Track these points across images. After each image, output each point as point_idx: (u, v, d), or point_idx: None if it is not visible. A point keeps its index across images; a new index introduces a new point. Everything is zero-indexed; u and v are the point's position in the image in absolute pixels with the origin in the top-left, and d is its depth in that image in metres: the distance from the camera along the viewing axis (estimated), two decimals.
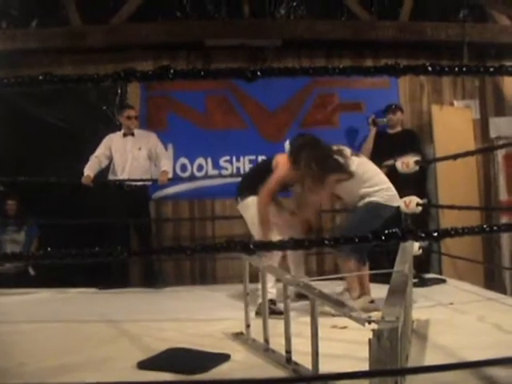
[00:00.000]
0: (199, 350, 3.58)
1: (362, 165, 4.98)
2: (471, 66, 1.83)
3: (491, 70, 1.79)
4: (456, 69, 1.72)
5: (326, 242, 1.88)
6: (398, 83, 7.59)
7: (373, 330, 2.12)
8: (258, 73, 1.63)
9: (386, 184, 5.02)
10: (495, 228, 2.00)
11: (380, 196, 4.89)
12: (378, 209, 4.88)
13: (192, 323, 4.50)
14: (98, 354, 3.60)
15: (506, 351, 2.93)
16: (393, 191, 5.02)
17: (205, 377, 3.10)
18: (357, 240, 1.83)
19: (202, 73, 1.68)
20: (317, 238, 2.01)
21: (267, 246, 2.32)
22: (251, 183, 5.05)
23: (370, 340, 2.10)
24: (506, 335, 3.74)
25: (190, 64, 7.46)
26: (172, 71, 1.64)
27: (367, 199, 4.90)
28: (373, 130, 7.11)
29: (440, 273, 6.85)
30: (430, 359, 3.19)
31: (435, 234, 1.90)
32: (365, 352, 2.14)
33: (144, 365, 3.29)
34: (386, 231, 1.83)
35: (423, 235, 1.91)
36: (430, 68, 1.67)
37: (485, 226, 1.97)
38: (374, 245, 4.63)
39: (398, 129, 7.08)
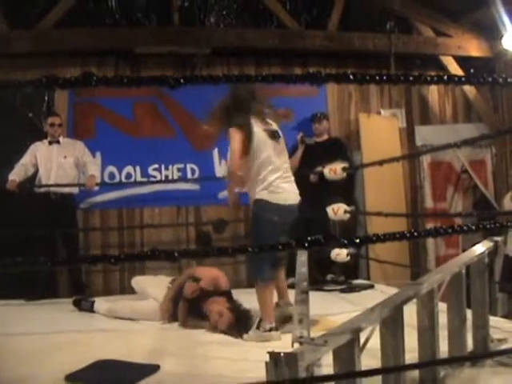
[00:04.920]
0: (128, 362, 3.54)
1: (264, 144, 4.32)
2: (391, 75, 1.88)
3: (411, 79, 1.84)
4: (377, 77, 1.77)
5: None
6: (327, 92, 7.71)
7: (269, 353, 1.90)
8: (181, 80, 1.63)
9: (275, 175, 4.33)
10: (416, 234, 2.04)
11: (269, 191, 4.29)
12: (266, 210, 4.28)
13: (122, 334, 4.44)
14: (24, 368, 3.50)
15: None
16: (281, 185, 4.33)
17: None
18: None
19: (126, 80, 1.67)
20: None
21: (190, 254, 2.32)
22: None
23: (266, 363, 1.89)
24: None
25: (118, 72, 7.37)
26: (95, 78, 1.62)
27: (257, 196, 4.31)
28: (301, 148, 7.13)
29: (368, 278, 6.97)
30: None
31: (357, 241, 1.94)
32: None
33: (72, 378, 3.23)
34: (309, 238, 1.86)
35: (346, 242, 1.93)
36: (351, 76, 1.71)
37: (406, 232, 2.02)
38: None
39: (325, 137, 7.16)
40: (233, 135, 4.25)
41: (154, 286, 5.12)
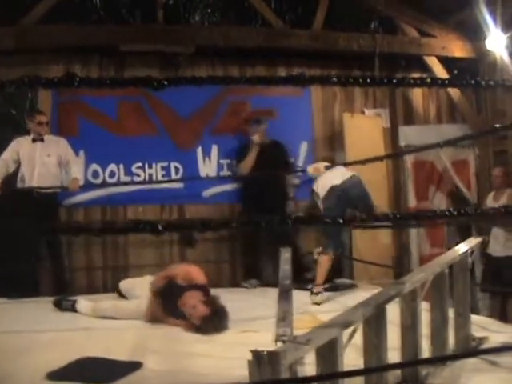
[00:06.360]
0: (110, 359, 3.53)
1: None
2: (375, 78, 1.89)
3: (394, 81, 1.85)
4: (361, 80, 1.77)
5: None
6: (311, 91, 7.71)
7: (251, 352, 1.88)
8: (165, 82, 1.63)
9: None
10: (398, 216, 2.05)
11: None
12: None
13: (105, 332, 4.43)
14: (7, 366, 3.47)
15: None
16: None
17: None
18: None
19: (109, 81, 1.66)
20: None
21: (177, 227, 2.30)
22: None
23: (248, 362, 1.86)
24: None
25: (102, 69, 7.34)
26: (78, 79, 1.61)
27: None
28: (255, 150, 7.12)
29: (351, 277, 6.99)
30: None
31: (341, 221, 1.92)
32: None
33: (54, 376, 3.22)
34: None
35: (329, 221, 1.93)
36: (335, 79, 1.71)
37: (389, 213, 2.02)
38: None
39: (266, 140, 7.15)
40: None
41: (141, 287, 5.08)
